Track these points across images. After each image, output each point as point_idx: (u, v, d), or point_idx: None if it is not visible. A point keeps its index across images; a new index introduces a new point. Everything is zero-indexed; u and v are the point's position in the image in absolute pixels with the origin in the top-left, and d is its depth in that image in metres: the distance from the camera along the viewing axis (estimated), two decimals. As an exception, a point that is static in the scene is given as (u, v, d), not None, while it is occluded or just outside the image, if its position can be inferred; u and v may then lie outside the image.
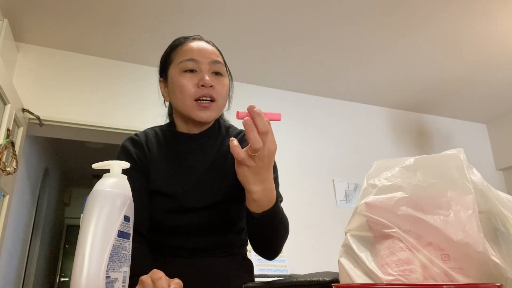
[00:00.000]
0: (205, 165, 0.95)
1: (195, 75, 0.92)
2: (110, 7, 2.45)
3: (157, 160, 0.95)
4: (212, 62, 0.94)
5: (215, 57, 0.95)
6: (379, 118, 3.87)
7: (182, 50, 0.96)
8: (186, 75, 0.92)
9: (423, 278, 0.43)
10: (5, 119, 2.21)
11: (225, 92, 0.95)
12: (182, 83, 0.91)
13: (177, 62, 0.94)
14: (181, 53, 0.95)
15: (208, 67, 0.93)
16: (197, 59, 0.93)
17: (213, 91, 0.91)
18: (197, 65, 0.92)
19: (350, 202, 3.38)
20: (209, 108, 0.92)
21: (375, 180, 0.53)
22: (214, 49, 0.99)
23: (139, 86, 3.02)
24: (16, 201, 3.18)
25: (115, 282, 0.51)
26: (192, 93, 0.91)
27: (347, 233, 0.54)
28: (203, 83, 0.90)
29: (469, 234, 0.43)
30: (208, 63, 0.93)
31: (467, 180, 0.47)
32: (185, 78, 0.92)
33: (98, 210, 0.51)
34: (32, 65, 2.79)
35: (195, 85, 0.91)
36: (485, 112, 4.08)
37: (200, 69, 0.92)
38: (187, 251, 0.89)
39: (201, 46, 0.96)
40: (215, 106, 0.93)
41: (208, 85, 0.90)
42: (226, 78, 0.97)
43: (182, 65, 0.93)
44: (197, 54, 0.94)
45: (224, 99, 0.96)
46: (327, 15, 2.57)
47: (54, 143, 4.35)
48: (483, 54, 3.03)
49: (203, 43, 0.97)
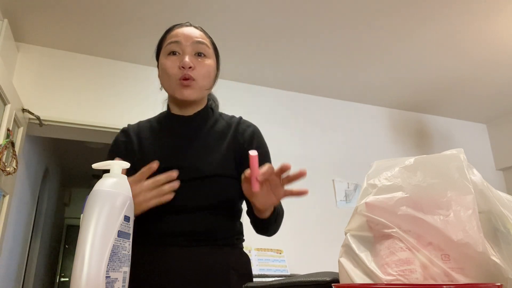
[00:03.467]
0: (199, 143, 0.98)
1: (178, 57, 0.96)
2: (110, 7, 2.45)
3: (149, 145, 0.98)
4: (195, 43, 0.96)
5: (197, 38, 0.97)
6: (379, 118, 3.87)
7: (169, 35, 1.00)
8: (170, 58, 0.96)
9: (423, 278, 0.43)
10: (5, 119, 2.21)
11: (205, 72, 0.96)
12: (166, 66, 0.96)
13: (164, 46, 0.99)
14: (168, 38, 0.99)
15: (191, 48, 0.96)
16: (180, 41, 0.96)
17: (193, 72, 0.94)
18: (180, 47, 0.96)
19: (350, 202, 3.38)
20: (190, 87, 0.95)
21: (375, 180, 0.53)
22: (201, 32, 1.01)
23: (139, 86, 3.02)
24: (16, 201, 3.18)
25: (115, 282, 0.51)
26: (175, 74, 0.94)
27: (347, 233, 0.54)
28: (183, 64, 0.93)
29: (469, 234, 0.43)
30: (190, 44, 0.96)
31: (467, 180, 0.47)
32: (168, 60, 0.96)
33: (98, 210, 0.51)
34: (32, 65, 2.79)
35: (177, 66, 0.94)
36: (485, 112, 4.08)
37: (183, 51, 0.96)
38: (183, 236, 0.88)
39: (187, 30, 0.99)
40: (196, 85, 0.95)
41: (187, 66, 0.93)
42: (210, 58, 0.99)
43: (166, 48, 0.97)
44: (181, 36, 0.97)
45: (205, 78, 0.97)
46: (327, 15, 2.57)
47: (54, 143, 4.35)
48: (483, 54, 3.03)
49: (190, 28, 1.00)
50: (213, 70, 1.00)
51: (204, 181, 0.92)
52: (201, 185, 0.92)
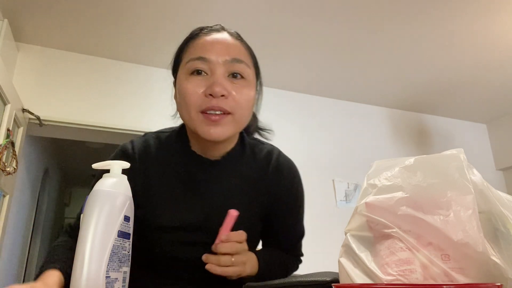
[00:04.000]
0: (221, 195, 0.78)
1: (204, 78, 0.70)
2: (110, 7, 2.45)
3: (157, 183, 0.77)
4: (230, 61, 0.71)
5: (234, 54, 0.71)
6: (379, 118, 3.87)
7: (193, 45, 0.74)
8: (193, 79, 0.70)
9: (423, 278, 0.43)
10: (5, 119, 2.21)
11: (243, 101, 0.70)
12: (186, 90, 0.70)
13: (185, 62, 0.73)
14: (192, 49, 0.73)
15: (224, 68, 0.70)
16: (208, 57, 0.70)
17: (225, 102, 0.68)
18: (208, 66, 0.70)
19: (350, 202, 3.38)
20: (221, 123, 0.69)
21: (375, 180, 0.53)
22: (238, 43, 0.75)
23: (139, 86, 3.01)
24: (16, 201, 3.18)
25: (115, 282, 0.51)
26: (197, 103, 0.69)
27: (347, 233, 0.54)
28: (211, 91, 0.67)
29: (469, 234, 0.43)
30: (223, 63, 0.70)
31: (467, 180, 0.47)
32: (190, 83, 0.70)
33: (98, 210, 0.51)
34: (32, 65, 2.78)
35: (202, 92, 0.69)
36: (485, 112, 4.08)
37: (212, 71, 0.70)
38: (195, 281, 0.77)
39: (218, 40, 0.72)
40: (230, 120, 0.70)
41: (217, 95, 0.67)
42: (250, 82, 0.73)
43: (189, 65, 0.71)
44: (210, 50, 0.71)
45: (244, 110, 0.71)
46: (327, 15, 2.57)
47: (54, 143, 4.35)
48: (483, 54, 3.03)
49: (223, 35, 0.74)
50: (253, 99, 0.75)
51: None
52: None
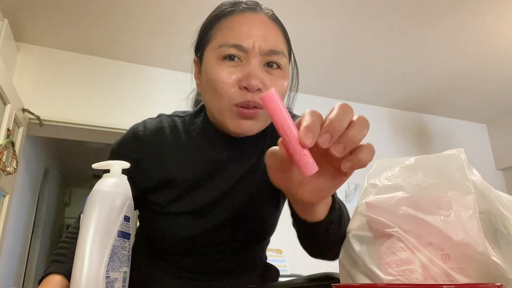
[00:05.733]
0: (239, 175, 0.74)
1: (238, 66, 0.64)
2: (110, 7, 2.45)
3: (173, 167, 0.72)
4: (267, 52, 0.64)
5: (272, 44, 0.65)
6: (379, 118, 3.87)
7: (226, 26, 0.67)
8: (225, 66, 0.64)
9: (423, 278, 0.43)
10: (5, 119, 2.21)
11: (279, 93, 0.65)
12: (218, 78, 0.63)
13: (216, 44, 0.66)
14: (224, 30, 0.67)
15: (260, 58, 0.64)
16: (245, 46, 0.63)
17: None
18: (244, 54, 0.64)
19: (350, 202, 3.38)
20: (255, 118, 0.64)
21: (375, 180, 0.53)
22: (275, 26, 0.68)
23: (139, 86, 3.01)
24: (16, 201, 3.18)
25: (115, 282, 0.51)
26: (231, 96, 0.63)
27: (348, 233, 0.54)
28: (247, 84, 0.61)
29: (470, 234, 0.43)
30: (260, 52, 0.64)
31: (467, 180, 0.47)
32: (223, 70, 0.64)
33: (98, 210, 0.51)
34: (32, 65, 2.79)
35: (236, 82, 0.63)
36: (485, 112, 4.08)
37: (247, 59, 0.64)
38: (202, 274, 0.77)
39: (255, 24, 0.66)
40: (263, 115, 0.65)
41: (254, 88, 0.62)
42: (285, 72, 0.67)
43: (222, 50, 0.64)
44: (246, 37, 0.64)
45: None
46: (327, 15, 2.57)
47: (54, 143, 4.35)
48: (484, 53, 3.03)
49: (259, 17, 0.67)
50: (287, 88, 0.69)
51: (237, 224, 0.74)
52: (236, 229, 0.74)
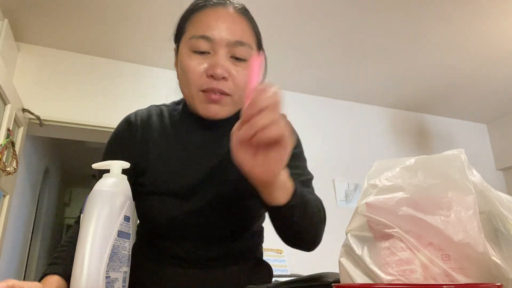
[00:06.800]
0: (218, 158, 0.77)
1: (207, 57, 0.70)
2: (110, 7, 2.45)
3: (158, 150, 0.78)
4: (233, 43, 0.70)
5: (238, 36, 0.71)
6: (379, 118, 3.87)
7: (197, 19, 0.74)
8: (195, 57, 0.71)
9: (423, 278, 0.43)
10: (5, 119, 2.21)
11: (244, 83, 0.71)
12: (187, 68, 0.71)
13: (188, 36, 0.73)
14: (195, 23, 0.73)
15: (226, 49, 0.70)
16: (212, 37, 0.70)
17: (225, 85, 0.70)
18: (211, 45, 0.70)
19: (350, 202, 3.38)
20: (220, 102, 0.71)
21: (375, 181, 0.53)
22: (242, 19, 0.75)
23: (139, 86, 3.01)
24: (16, 201, 3.18)
25: (115, 282, 0.50)
26: (198, 83, 0.70)
27: (348, 233, 0.54)
28: (213, 72, 0.68)
29: (470, 235, 0.43)
30: (226, 44, 0.70)
31: (468, 181, 0.47)
32: (192, 61, 0.71)
33: (98, 210, 0.51)
34: (32, 65, 2.78)
35: (204, 71, 0.70)
36: (485, 112, 4.08)
37: (214, 50, 0.70)
38: (192, 262, 0.76)
39: (222, 17, 0.72)
40: (229, 101, 0.72)
41: (219, 77, 0.68)
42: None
43: (192, 42, 0.71)
44: (213, 29, 0.70)
45: (243, 92, 0.70)
46: (327, 14, 2.57)
47: (54, 143, 4.35)
48: (484, 53, 3.03)
49: (228, 11, 0.73)
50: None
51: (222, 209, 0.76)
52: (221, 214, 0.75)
